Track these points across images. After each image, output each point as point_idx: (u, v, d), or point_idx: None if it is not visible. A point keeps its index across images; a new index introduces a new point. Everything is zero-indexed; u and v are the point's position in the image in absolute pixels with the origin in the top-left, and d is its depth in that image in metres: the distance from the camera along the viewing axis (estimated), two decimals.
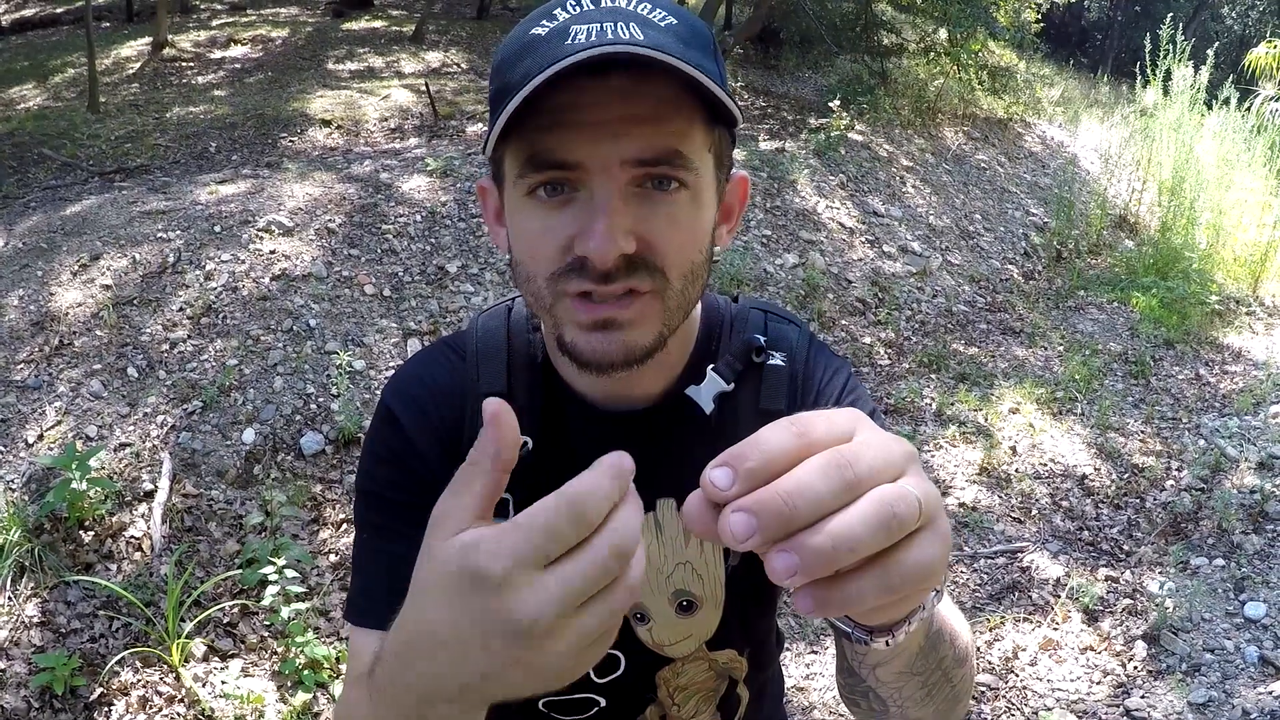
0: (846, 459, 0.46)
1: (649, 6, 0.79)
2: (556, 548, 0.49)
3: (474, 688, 0.53)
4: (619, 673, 1.03)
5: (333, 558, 3.32)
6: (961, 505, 4.11)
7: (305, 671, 2.83)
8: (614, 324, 0.80)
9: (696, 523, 0.47)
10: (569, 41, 0.75)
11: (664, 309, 0.82)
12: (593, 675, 1.02)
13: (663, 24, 0.78)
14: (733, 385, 0.96)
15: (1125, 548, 3.88)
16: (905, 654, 0.70)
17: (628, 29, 0.75)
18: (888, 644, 0.65)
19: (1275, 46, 8.55)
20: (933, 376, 5.25)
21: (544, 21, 0.78)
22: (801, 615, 0.50)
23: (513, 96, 0.74)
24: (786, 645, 3.30)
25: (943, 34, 9.37)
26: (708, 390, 0.95)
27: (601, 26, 0.75)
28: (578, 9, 0.78)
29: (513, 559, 0.48)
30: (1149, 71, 7.87)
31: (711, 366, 0.96)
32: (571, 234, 0.78)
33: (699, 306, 0.99)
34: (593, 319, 0.80)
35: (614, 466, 0.50)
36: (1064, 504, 4.17)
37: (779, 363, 0.98)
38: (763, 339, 0.99)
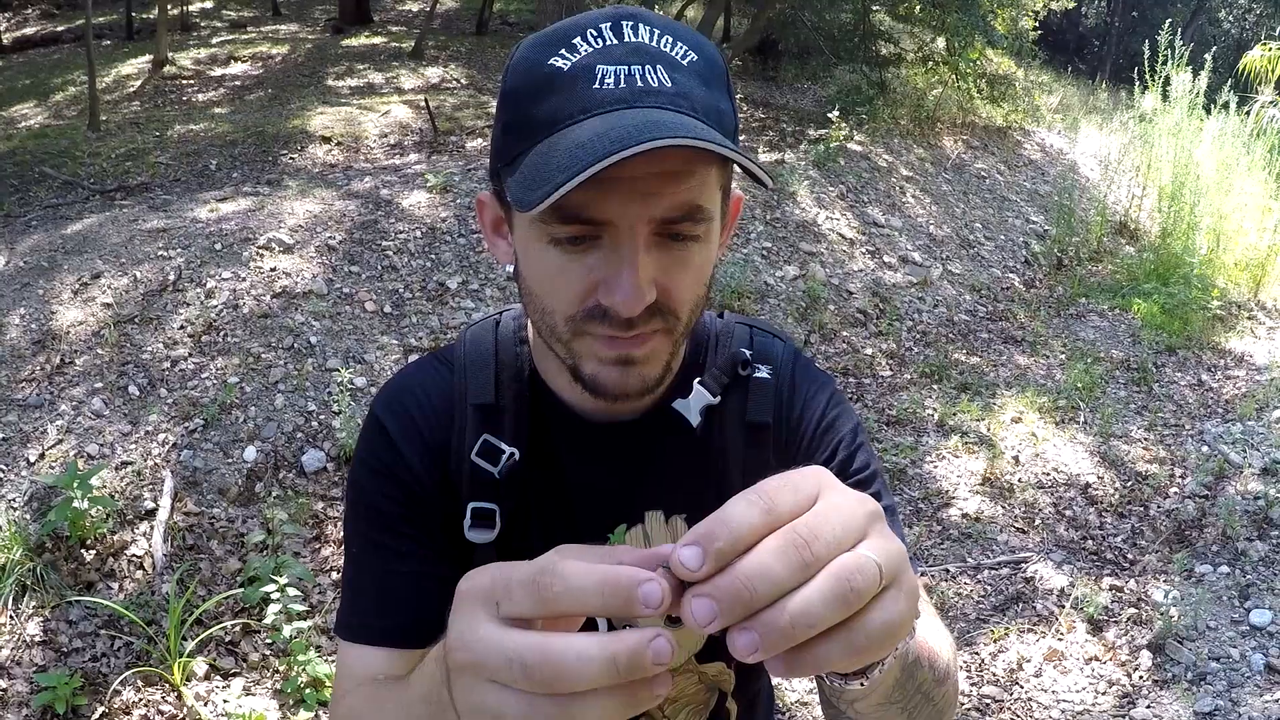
0: (804, 538, 0.47)
1: (671, 40, 0.78)
2: (505, 606, 0.50)
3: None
4: None
5: (334, 575, 3.31)
6: (964, 516, 4.10)
7: (307, 690, 2.82)
8: (632, 360, 0.83)
9: (659, 604, 0.47)
10: (597, 85, 0.75)
11: (672, 341, 0.85)
12: None
13: (685, 62, 0.78)
14: (719, 398, 0.97)
15: (1129, 556, 3.87)
16: (882, 688, 0.70)
17: (655, 73, 0.75)
18: (862, 685, 0.66)
19: (1269, 49, 8.55)
20: (934, 387, 5.24)
21: (564, 52, 0.77)
22: (775, 676, 0.50)
23: (537, 139, 0.75)
24: None
25: (941, 43, 9.40)
26: (694, 403, 0.96)
27: (629, 70, 0.75)
28: (600, 42, 0.77)
29: (472, 586, 0.52)
30: (1147, 77, 7.88)
31: (698, 380, 0.97)
32: (594, 280, 0.79)
33: None
34: (616, 355, 0.82)
35: (623, 583, 0.47)
36: (1067, 513, 4.16)
37: (765, 376, 0.99)
38: (749, 353, 1.00)
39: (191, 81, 9.75)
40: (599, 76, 0.75)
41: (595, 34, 0.77)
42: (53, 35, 12.87)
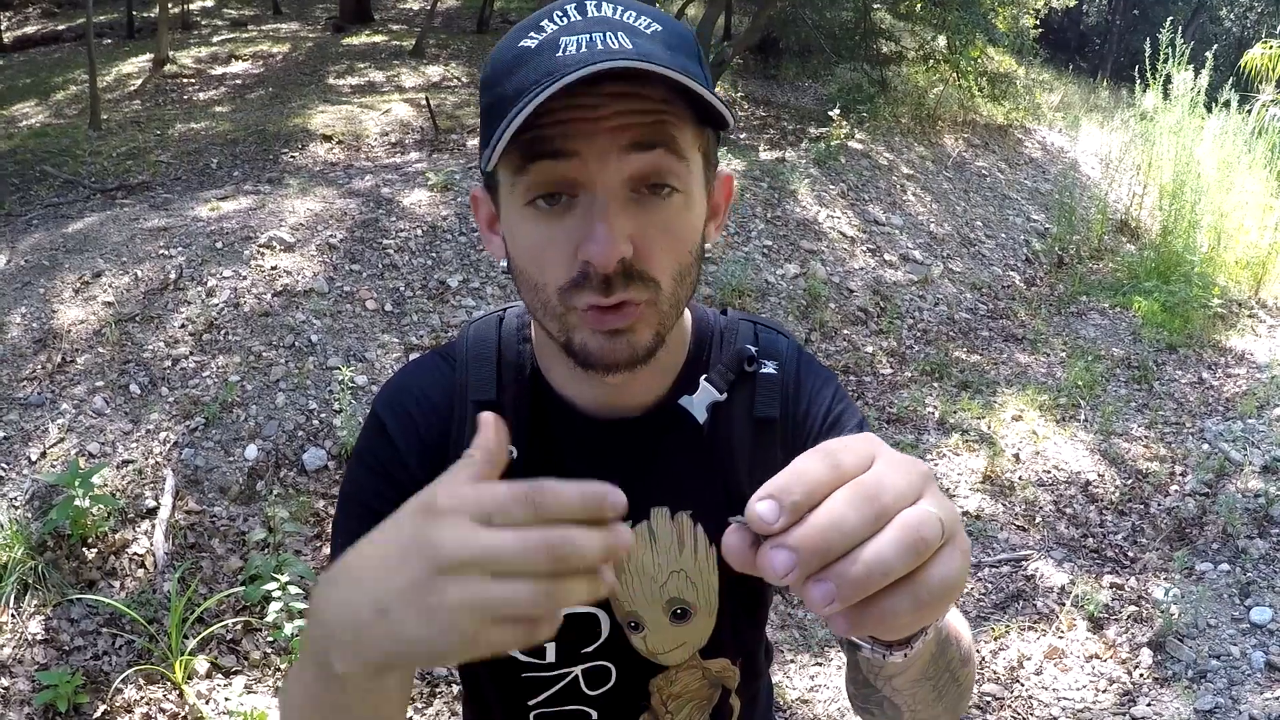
0: (874, 489, 0.49)
1: (634, 14, 0.80)
2: (499, 518, 0.52)
3: (367, 626, 0.56)
4: (611, 684, 1.03)
5: None
6: (965, 514, 4.11)
7: None
8: (619, 331, 0.82)
9: (737, 556, 0.50)
10: (560, 53, 0.76)
11: (659, 312, 0.84)
12: (585, 688, 1.03)
13: (648, 31, 0.79)
14: (726, 395, 0.97)
15: (1130, 554, 3.87)
16: (920, 662, 0.72)
17: (616, 38, 0.77)
18: (905, 656, 0.67)
19: (1270, 47, 8.54)
20: (935, 385, 5.24)
21: (532, 34, 0.79)
22: (838, 635, 0.53)
23: (508, 111, 0.76)
24: (790, 658, 3.30)
25: (942, 41, 9.40)
26: (700, 400, 0.96)
27: (590, 37, 0.77)
28: (565, 20, 0.79)
29: (460, 500, 0.54)
30: (1148, 75, 7.88)
31: (704, 377, 0.97)
32: (575, 242, 0.79)
33: (689, 319, 1.00)
34: (603, 328, 0.82)
35: (597, 492, 0.53)
36: (1068, 511, 4.16)
37: (771, 371, 0.98)
38: (754, 349, 0.99)
39: (192, 80, 9.75)
40: (562, 46, 0.77)
41: (561, 14, 0.80)
42: (54, 34, 12.88)
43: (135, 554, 3.16)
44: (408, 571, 0.54)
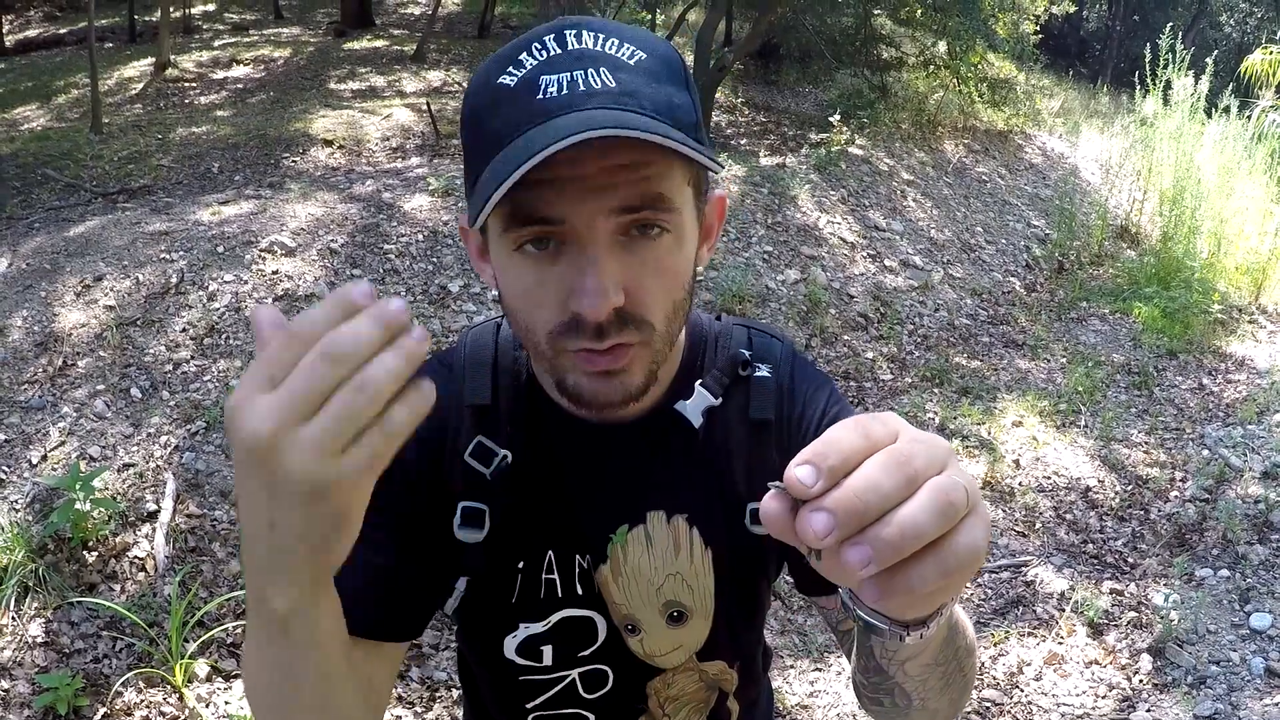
0: (905, 456, 0.50)
1: (616, 43, 0.79)
2: (279, 371, 0.53)
3: (274, 546, 0.58)
4: (608, 688, 1.04)
5: None
6: None
7: None
8: (612, 373, 0.83)
9: (775, 522, 0.51)
10: (540, 95, 0.75)
11: (651, 351, 0.84)
12: (582, 691, 1.03)
13: (632, 61, 0.78)
14: (720, 399, 0.98)
15: (1130, 560, 3.87)
16: (932, 647, 0.74)
17: (598, 75, 0.76)
18: (921, 636, 0.67)
19: (1270, 53, 8.56)
20: (935, 390, 5.25)
21: (510, 69, 0.78)
22: (869, 603, 0.54)
23: (490, 158, 0.76)
24: (790, 663, 3.30)
25: (942, 47, 9.41)
26: (695, 405, 0.97)
27: (571, 76, 0.75)
28: (543, 54, 0.77)
29: (242, 390, 0.54)
30: (1148, 81, 7.89)
31: (699, 382, 0.98)
32: (566, 289, 0.79)
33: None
34: (595, 370, 0.82)
35: (340, 292, 0.54)
36: (1068, 517, 4.16)
37: (765, 374, 0.99)
38: (748, 353, 1.00)
39: (194, 84, 9.77)
40: (542, 87, 0.76)
41: (540, 47, 0.78)
42: (55, 37, 12.91)
43: (136, 557, 3.16)
44: (254, 478, 0.54)
